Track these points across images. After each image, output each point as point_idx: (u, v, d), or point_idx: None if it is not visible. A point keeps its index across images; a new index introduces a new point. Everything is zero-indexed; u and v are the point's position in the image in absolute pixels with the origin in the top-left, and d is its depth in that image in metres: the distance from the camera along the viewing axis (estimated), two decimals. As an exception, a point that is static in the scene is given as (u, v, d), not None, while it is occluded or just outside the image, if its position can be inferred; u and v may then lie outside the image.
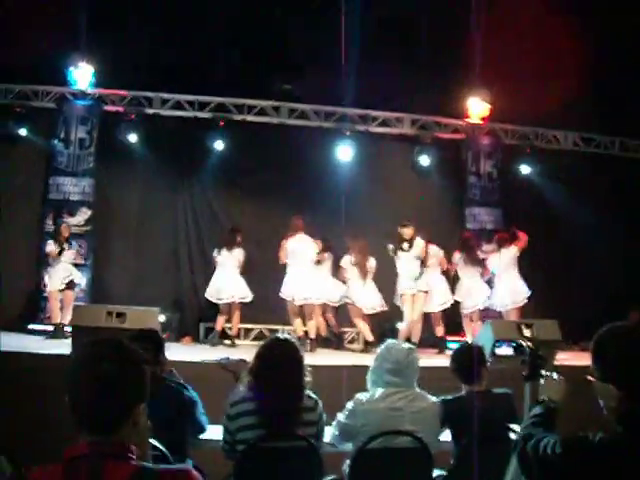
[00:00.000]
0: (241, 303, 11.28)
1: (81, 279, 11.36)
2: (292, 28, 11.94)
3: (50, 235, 11.50)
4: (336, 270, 11.50)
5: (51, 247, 11.06)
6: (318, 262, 11.22)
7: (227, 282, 11.17)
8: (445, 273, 11.51)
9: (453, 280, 11.56)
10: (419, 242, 11.03)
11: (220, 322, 11.31)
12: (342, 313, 11.72)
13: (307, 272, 10.97)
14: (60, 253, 10.97)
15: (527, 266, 11.55)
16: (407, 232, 11.01)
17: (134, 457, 2.19)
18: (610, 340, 2.54)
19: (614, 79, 11.95)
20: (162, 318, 11.30)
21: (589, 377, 2.60)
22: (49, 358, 8.20)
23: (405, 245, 11.00)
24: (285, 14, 11.84)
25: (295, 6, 11.77)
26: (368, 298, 11.17)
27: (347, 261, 11.27)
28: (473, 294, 11.38)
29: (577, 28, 10.80)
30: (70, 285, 11.03)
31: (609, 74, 11.88)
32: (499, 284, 11.37)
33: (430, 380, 5.10)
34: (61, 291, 10.96)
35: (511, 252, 11.25)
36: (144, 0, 11.64)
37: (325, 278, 11.34)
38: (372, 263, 11.25)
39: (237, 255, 11.23)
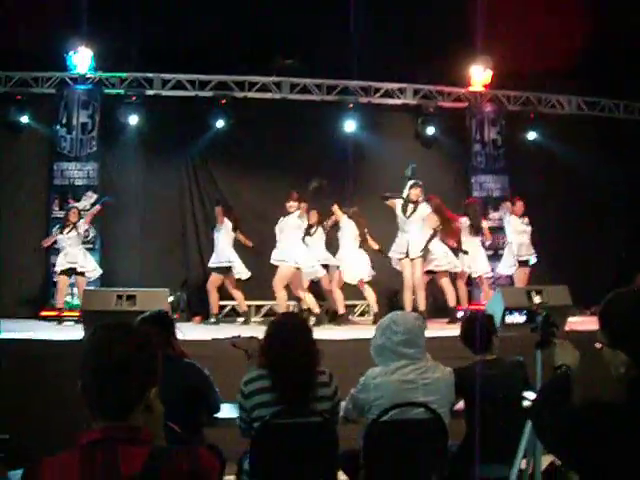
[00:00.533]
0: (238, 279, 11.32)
1: (94, 271, 11.38)
2: (290, 2, 11.82)
3: (59, 221, 11.59)
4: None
5: (54, 233, 11.17)
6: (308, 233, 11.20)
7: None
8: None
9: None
10: (424, 207, 10.94)
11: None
12: (353, 287, 11.70)
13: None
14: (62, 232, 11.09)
15: (536, 231, 11.54)
16: (414, 193, 10.88)
17: (148, 440, 2.19)
18: (616, 305, 2.51)
19: (616, 42, 11.85)
20: (170, 299, 11.38)
21: (597, 344, 2.58)
22: (61, 344, 8.23)
23: (410, 206, 10.89)
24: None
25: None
26: (358, 266, 11.08)
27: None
28: (477, 261, 11.42)
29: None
30: (81, 272, 11.10)
31: (611, 37, 11.77)
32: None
33: (440, 350, 5.10)
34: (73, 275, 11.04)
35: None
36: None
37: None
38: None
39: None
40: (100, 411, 2.19)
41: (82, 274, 11.13)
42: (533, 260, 11.59)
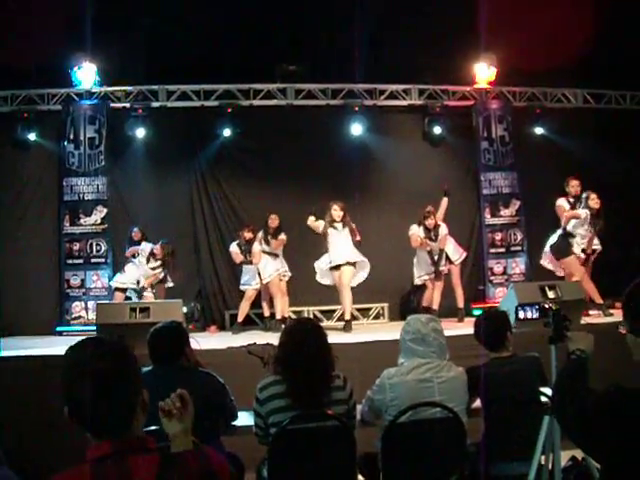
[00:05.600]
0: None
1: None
2: (293, 7, 11.83)
3: (69, 236, 11.82)
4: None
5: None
6: None
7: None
8: None
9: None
10: (443, 230, 11.13)
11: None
12: (366, 290, 11.69)
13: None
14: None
15: (548, 227, 11.47)
16: (430, 222, 11.06)
17: (155, 448, 2.19)
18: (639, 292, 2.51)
19: (620, 33, 11.80)
20: (185, 309, 11.43)
21: (621, 329, 2.58)
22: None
23: (432, 234, 11.05)
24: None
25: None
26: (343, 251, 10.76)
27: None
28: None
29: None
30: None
31: (614, 29, 11.72)
32: None
33: (455, 349, 5.08)
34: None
35: None
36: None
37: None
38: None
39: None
40: (100, 429, 2.18)
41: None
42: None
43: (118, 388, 2.18)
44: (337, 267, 10.61)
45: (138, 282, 11.20)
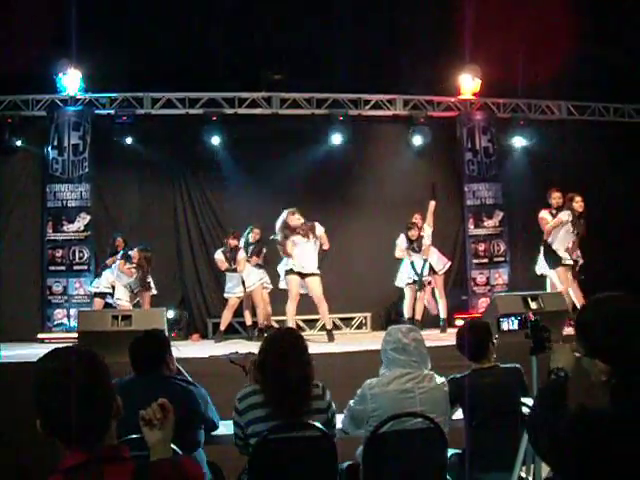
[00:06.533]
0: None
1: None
2: (277, 17, 11.85)
3: (51, 243, 11.78)
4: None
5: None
6: None
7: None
8: None
9: None
10: (426, 241, 11.18)
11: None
12: (349, 299, 11.70)
13: None
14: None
15: (532, 237, 11.51)
16: (413, 233, 11.11)
17: (129, 457, 2.18)
18: (593, 314, 2.48)
19: (604, 46, 11.88)
20: (172, 314, 11.43)
21: (576, 353, 2.58)
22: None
23: (415, 245, 11.09)
24: (269, 3, 11.76)
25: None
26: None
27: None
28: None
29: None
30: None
31: (599, 41, 11.80)
32: None
33: (437, 359, 5.09)
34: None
35: None
36: (126, 1, 11.57)
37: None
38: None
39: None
40: (72, 440, 2.15)
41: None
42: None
43: (89, 399, 2.15)
44: (301, 275, 10.47)
45: (113, 287, 11.13)
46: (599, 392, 2.42)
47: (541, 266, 10.78)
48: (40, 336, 11.33)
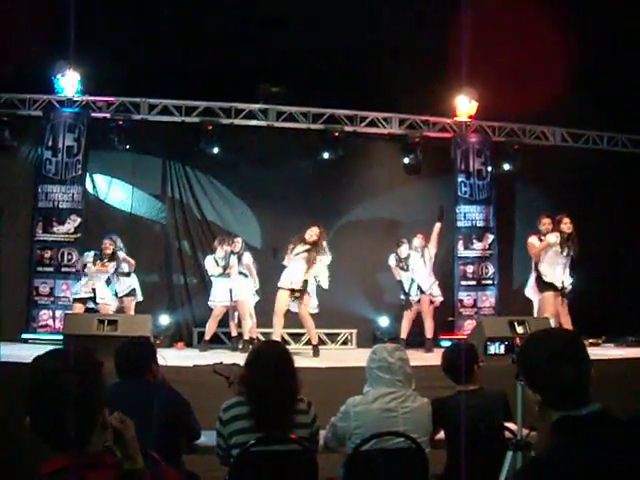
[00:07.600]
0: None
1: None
2: (278, 30, 11.88)
3: (40, 243, 11.68)
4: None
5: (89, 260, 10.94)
6: None
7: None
8: None
9: None
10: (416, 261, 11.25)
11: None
12: (335, 315, 11.69)
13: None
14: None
15: (524, 262, 11.53)
16: (402, 250, 11.19)
17: (112, 465, 2.17)
18: (527, 348, 2.54)
19: (601, 74, 11.95)
20: (166, 320, 11.40)
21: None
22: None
23: (403, 264, 11.19)
24: (269, 14, 11.79)
25: (279, 7, 11.72)
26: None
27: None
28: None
29: (562, 23, 10.80)
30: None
31: (596, 69, 11.87)
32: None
33: (422, 379, 5.09)
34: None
35: None
36: (128, 6, 11.58)
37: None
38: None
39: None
40: (59, 442, 2.15)
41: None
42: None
43: (81, 403, 2.14)
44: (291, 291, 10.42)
45: (94, 290, 10.98)
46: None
47: (529, 289, 10.79)
48: (24, 336, 11.29)
